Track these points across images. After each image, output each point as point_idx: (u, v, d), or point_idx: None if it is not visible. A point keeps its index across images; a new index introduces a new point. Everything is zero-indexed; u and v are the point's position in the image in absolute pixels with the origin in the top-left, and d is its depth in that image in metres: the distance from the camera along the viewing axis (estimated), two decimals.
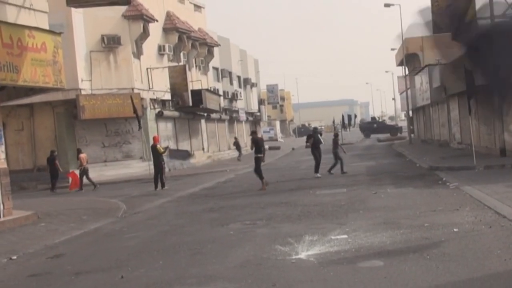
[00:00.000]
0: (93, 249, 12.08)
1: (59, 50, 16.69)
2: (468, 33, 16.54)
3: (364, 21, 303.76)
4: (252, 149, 21.80)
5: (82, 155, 26.55)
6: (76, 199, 21.95)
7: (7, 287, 9.18)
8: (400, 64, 57.16)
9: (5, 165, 16.56)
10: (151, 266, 9.66)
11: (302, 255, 9.38)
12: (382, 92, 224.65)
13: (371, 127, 76.86)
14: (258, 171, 21.08)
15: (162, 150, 24.23)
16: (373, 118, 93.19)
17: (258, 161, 21.23)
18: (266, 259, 9.33)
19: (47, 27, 16.90)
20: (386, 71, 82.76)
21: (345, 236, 10.64)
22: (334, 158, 25.87)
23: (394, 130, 72.08)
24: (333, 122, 67.44)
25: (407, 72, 54.67)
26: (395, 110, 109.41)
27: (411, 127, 55.78)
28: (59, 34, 17.16)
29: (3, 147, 16.49)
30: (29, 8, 16.41)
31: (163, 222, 14.91)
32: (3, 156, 16.47)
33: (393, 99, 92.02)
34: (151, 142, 25.28)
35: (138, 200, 20.45)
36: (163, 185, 23.75)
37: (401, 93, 64.79)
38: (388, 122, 78.17)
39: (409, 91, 52.39)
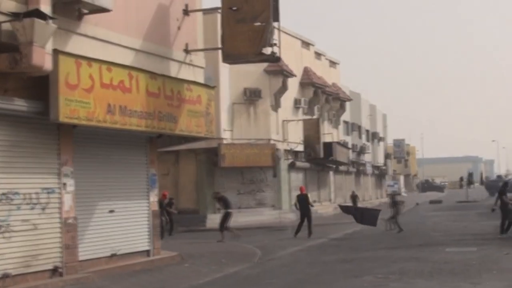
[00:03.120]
0: None
1: (211, 103, 18.17)
2: None
3: (492, 75, 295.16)
4: (221, 207, 25.32)
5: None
6: (215, 243, 23.21)
7: None
8: None
9: (156, 208, 18.07)
10: None
11: None
12: (508, 150, 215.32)
13: (497, 185, 74.14)
14: (222, 225, 24.02)
15: (311, 201, 25.67)
16: (499, 176, 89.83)
17: (226, 215, 24.25)
18: None
19: (202, 81, 18.45)
20: None
21: None
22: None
23: None
24: (461, 179, 65.91)
25: None
26: None
27: None
28: (213, 88, 18.71)
29: (156, 191, 18.04)
30: (189, 64, 18.03)
31: (297, 270, 15.67)
32: (156, 199, 18.00)
33: None
34: (287, 192, 26.43)
35: (272, 247, 21.37)
36: (309, 233, 24.60)
37: None
38: None
39: None
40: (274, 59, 18.99)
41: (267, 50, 17.86)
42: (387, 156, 72.47)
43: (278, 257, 18.73)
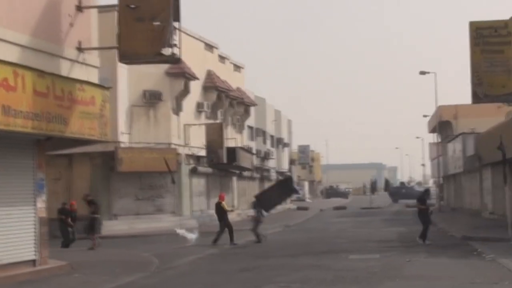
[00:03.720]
0: None
1: (106, 104, 17.15)
2: None
3: (397, 87, 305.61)
4: (90, 211, 24.15)
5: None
6: (107, 251, 22.08)
7: None
8: (433, 131, 57.25)
9: (44, 214, 16.85)
10: None
11: None
12: (410, 158, 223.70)
13: (400, 192, 76.55)
14: (90, 230, 23.50)
15: (227, 209, 24.82)
16: (402, 183, 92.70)
17: (93, 220, 23.84)
18: None
19: (96, 81, 17.41)
20: (417, 137, 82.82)
21: None
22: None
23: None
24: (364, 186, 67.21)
25: (439, 139, 54.65)
26: (424, 176, 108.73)
27: (441, 194, 55.40)
28: (108, 88, 17.68)
29: (44, 197, 16.82)
30: (82, 63, 16.97)
31: (195, 280, 14.97)
32: (44, 205, 16.78)
33: (423, 165, 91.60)
34: (187, 197, 25.55)
35: (170, 255, 20.49)
36: (214, 240, 23.78)
37: (432, 160, 64.62)
38: (416, 188, 77.96)
39: (440, 158, 52.25)
40: (174, 60, 18.30)
41: (167, 51, 17.17)
42: (291, 162, 72.94)
43: (176, 266, 17.91)
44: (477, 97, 24.60)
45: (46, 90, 15.04)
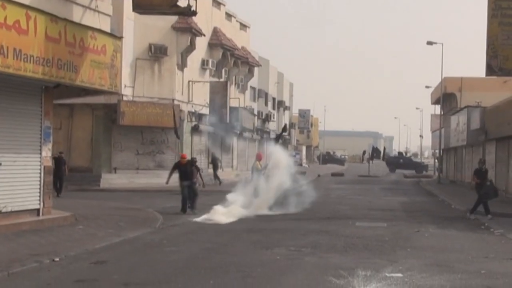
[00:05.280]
0: (136, 259, 11.85)
1: (117, 54, 16.66)
2: None
3: (400, 57, 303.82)
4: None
5: None
6: (110, 204, 21.79)
7: None
8: (436, 102, 56.81)
9: (50, 163, 16.49)
10: (202, 285, 9.41)
11: None
12: (408, 128, 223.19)
13: (397, 162, 76.32)
14: None
15: (260, 167, 23.69)
16: (400, 153, 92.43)
17: None
18: None
19: (108, 30, 16.89)
20: (417, 108, 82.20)
21: (400, 275, 10.32)
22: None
23: (420, 167, 71.39)
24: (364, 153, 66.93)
25: (442, 111, 54.22)
26: (421, 147, 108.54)
27: (440, 166, 55.25)
28: (120, 38, 17.16)
29: (50, 145, 16.41)
30: (94, 10, 16.41)
31: (203, 239, 14.65)
32: (49, 154, 16.40)
33: (421, 136, 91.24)
34: (188, 155, 25.01)
35: (174, 212, 20.17)
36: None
37: (433, 132, 64.29)
38: (413, 158, 77.75)
39: (442, 130, 51.89)
40: (189, 12, 17.76)
41: (182, 3, 16.61)
42: (291, 125, 72.47)
43: (181, 224, 17.59)
44: (491, 70, 24.07)
45: (58, 36, 14.56)
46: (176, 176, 21.18)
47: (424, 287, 9.45)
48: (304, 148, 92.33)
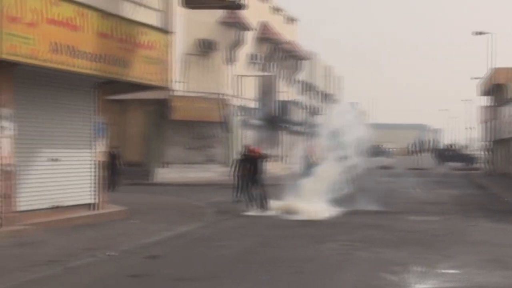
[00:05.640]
0: (188, 254, 11.93)
1: (167, 50, 16.82)
2: None
3: (448, 47, 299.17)
4: None
5: None
6: (161, 198, 22.04)
7: (109, 286, 9.08)
8: (485, 94, 55.65)
9: (104, 158, 16.77)
10: (254, 281, 9.40)
11: None
12: (455, 120, 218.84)
13: (446, 154, 75.11)
14: None
15: (311, 160, 23.44)
16: (448, 146, 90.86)
17: None
18: (377, 287, 8.94)
19: (159, 26, 17.03)
20: (464, 100, 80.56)
21: (457, 271, 10.12)
22: None
23: (468, 160, 70.08)
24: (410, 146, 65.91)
25: (491, 103, 53.10)
26: (469, 140, 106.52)
27: (490, 159, 54.22)
28: (170, 33, 17.29)
29: (104, 140, 16.68)
30: (144, 6, 16.57)
31: (254, 233, 14.67)
32: (103, 149, 16.67)
33: (469, 128, 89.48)
34: (234, 149, 24.98)
35: (225, 206, 20.24)
36: None
37: (481, 124, 63.03)
38: (462, 151, 76.26)
39: (492, 122, 50.84)
40: (237, 6, 17.80)
41: None
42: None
43: (232, 218, 17.63)
44: None
45: (110, 32, 14.78)
46: (225, 170, 21.06)
47: (482, 284, 9.24)
48: None
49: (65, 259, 10.70)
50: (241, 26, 33.90)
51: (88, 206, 16.05)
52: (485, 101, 55.98)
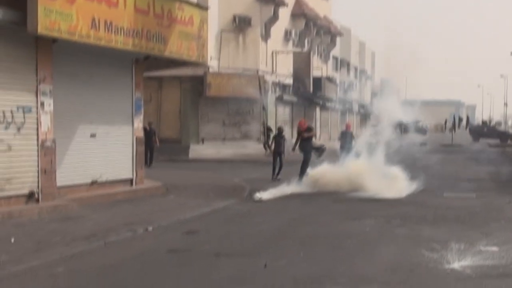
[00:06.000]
0: (226, 229, 11.99)
1: (204, 25, 16.75)
2: None
3: (485, 21, 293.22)
4: None
5: None
6: (198, 174, 22.17)
7: (149, 262, 9.19)
8: None
9: (141, 135, 16.89)
10: (292, 256, 9.41)
11: (456, 265, 8.85)
12: (491, 97, 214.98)
13: (481, 131, 74.00)
14: None
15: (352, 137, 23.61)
16: (484, 122, 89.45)
17: None
18: (417, 264, 8.87)
19: (195, 1, 17.00)
20: (501, 75, 79.13)
21: (496, 248, 10.01)
22: None
23: (505, 136, 69.03)
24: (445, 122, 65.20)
25: None
26: (505, 116, 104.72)
27: None
28: (206, 9, 17.24)
29: (141, 117, 16.81)
30: None
31: (290, 209, 14.68)
32: (140, 125, 16.79)
33: (505, 104, 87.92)
34: (273, 125, 24.97)
35: (260, 182, 20.27)
36: None
37: None
38: (497, 127, 75.02)
39: None
40: None
41: None
42: (373, 95, 71.42)
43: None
44: None
45: (147, 8, 14.76)
46: (260, 146, 21.19)
47: None
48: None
49: (105, 234, 10.86)
50: (276, 2, 33.68)
51: (126, 181, 16.24)
52: None
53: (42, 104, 13.11)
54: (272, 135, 25.15)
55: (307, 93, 37.09)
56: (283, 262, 9.07)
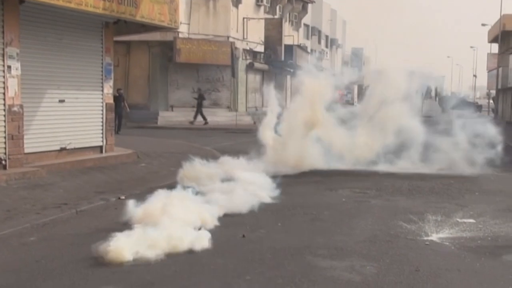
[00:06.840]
0: None
1: None
2: None
3: None
4: None
5: None
6: (169, 142, 21.85)
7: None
8: (494, 41, 55.09)
9: (111, 101, 16.48)
10: (270, 227, 9.24)
11: (434, 237, 8.77)
12: (461, 68, 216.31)
13: (450, 101, 74.58)
14: None
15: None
16: (453, 93, 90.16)
17: None
18: (395, 236, 8.77)
19: None
20: (471, 47, 79.84)
21: (473, 220, 9.97)
22: None
23: (474, 107, 69.85)
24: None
25: (499, 50, 52.56)
26: (475, 87, 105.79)
27: (495, 106, 53.98)
28: None
29: (111, 82, 16.39)
30: None
31: None
32: (110, 91, 16.38)
33: (475, 76, 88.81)
34: (243, 93, 24.78)
35: (232, 151, 20.02)
36: None
37: (489, 71, 62.50)
38: (466, 98, 75.63)
39: (500, 70, 50.37)
40: None
41: None
42: (344, 64, 71.44)
43: None
44: None
45: None
46: (231, 114, 20.87)
47: (499, 234, 9.08)
48: (356, 87, 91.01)
49: (76, 202, 10.58)
50: None
51: (96, 148, 15.89)
52: (493, 48, 55.43)
53: (9, 67, 12.64)
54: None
55: (278, 60, 36.78)
56: (261, 232, 8.90)
